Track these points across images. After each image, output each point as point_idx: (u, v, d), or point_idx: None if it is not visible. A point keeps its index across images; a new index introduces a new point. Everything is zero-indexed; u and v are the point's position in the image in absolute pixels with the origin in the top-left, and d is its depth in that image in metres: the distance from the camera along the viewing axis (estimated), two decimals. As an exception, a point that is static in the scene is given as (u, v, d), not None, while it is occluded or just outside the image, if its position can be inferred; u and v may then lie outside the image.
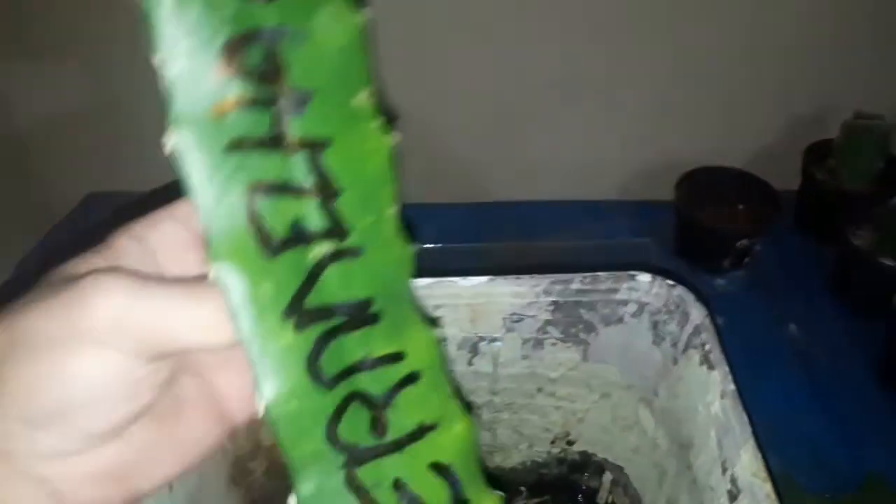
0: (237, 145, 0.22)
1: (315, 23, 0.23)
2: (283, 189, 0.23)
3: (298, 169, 0.24)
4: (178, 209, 0.26)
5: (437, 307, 0.45)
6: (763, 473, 0.35)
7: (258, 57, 0.22)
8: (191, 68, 0.21)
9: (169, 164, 0.22)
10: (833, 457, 0.63)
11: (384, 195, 0.25)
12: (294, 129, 0.23)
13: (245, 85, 0.22)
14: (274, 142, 0.23)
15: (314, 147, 0.24)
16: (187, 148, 0.22)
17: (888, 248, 0.68)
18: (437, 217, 0.85)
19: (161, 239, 0.25)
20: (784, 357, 0.71)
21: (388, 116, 0.26)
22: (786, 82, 0.80)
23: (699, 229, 0.77)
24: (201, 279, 0.23)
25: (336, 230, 0.25)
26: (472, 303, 0.45)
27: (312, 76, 0.23)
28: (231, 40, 0.21)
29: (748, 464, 0.36)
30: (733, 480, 0.37)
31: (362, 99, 0.24)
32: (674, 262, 0.80)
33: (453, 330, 0.46)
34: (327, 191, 0.24)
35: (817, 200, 0.80)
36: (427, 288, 0.44)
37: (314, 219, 0.24)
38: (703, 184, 0.80)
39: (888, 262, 0.68)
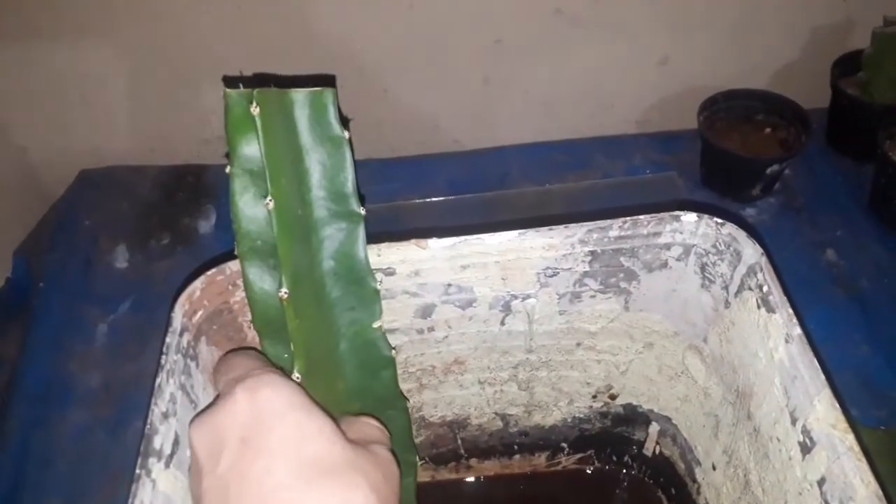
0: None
1: None
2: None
3: None
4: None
5: (465, 267, 0.41)
6: (843, 424, 0.32)
7: None
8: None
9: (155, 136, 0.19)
10: (885, 385, 0.60)
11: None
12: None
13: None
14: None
15: None
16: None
17: (931, 161, 0.64)
18: (442, 167, 0.80)
19: None
20: (825, 285, 0.68)
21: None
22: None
23: (726, 157, 0.73)
24: None
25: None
26: (501, 260, 0.41)
27: None
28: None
29: (824, 414, 0.33)
30: (806, 431, 0.34)
31: None
32: (702, 193, 0.76)
33: (483, 290, 0.43)
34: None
35: (849, 117, 0.76)
36: (451, 248, 0.40)
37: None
38: (726, 109, 0.75)
39: (932, 176, 0.64)
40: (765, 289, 0.37)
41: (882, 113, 0.71)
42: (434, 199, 0.77)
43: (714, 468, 0.45)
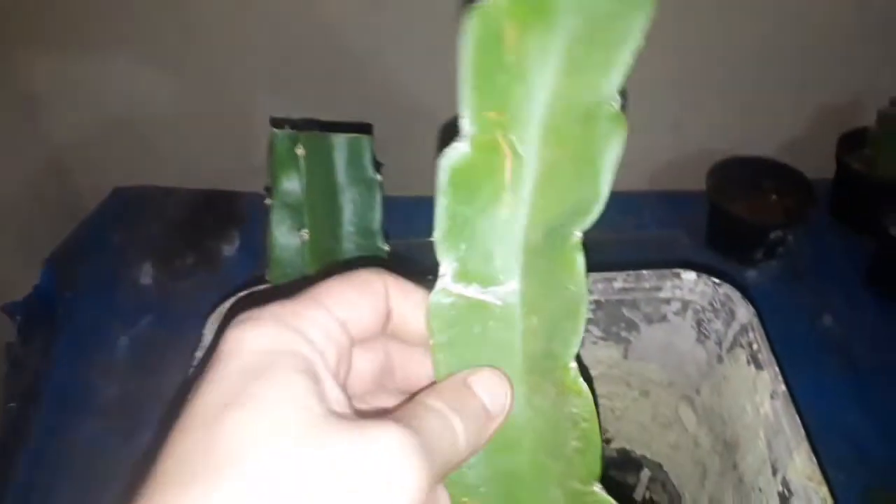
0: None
1: None
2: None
3: None
4: (368, 286, 0.26)
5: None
6: (818, 476, 0.34)
7: None
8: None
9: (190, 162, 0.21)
10: (871, 453, 0.62)
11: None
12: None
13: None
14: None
15: None
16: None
17: (927, 238, 0.67)
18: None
19: (350, 313, 0.25)
20: (819, 350, 0.70)
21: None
22: (820, 68, 0.78)
23: (731, 220, 0.76)
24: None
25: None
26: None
27: None
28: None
29: (802, 467, 0.35)
30: (785, 483, 0.36)
31: None
32: (705, 254, 0.79)
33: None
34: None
35: (853, 190, 0.79)
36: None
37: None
38: (734, 174, 0.78)
39: (927, 253, 0.67)
40: (755, 347, 0.40)
41: (885, 189, 0.74)
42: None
43: (700, 516, 0.47)
